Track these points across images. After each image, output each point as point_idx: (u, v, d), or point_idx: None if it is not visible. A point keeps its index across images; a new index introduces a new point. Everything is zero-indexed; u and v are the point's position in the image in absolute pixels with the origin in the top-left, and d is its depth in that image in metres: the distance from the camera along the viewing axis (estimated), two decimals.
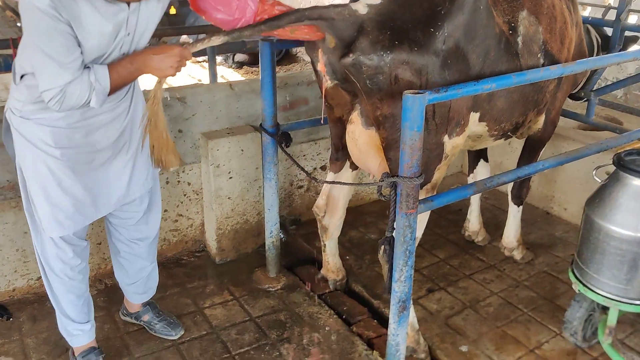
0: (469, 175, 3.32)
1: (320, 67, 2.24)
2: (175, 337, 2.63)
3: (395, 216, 2.02)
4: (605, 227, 2.25)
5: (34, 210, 2.17)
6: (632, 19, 3.35)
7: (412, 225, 1.99)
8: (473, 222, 3.41)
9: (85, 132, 2.09)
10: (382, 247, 2.12)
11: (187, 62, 2.08)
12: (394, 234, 2.07)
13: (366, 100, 2.20)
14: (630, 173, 2.19)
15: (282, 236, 3.44)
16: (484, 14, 2.21)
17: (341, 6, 2.13)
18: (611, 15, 3.24)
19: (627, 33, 3.27)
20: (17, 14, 10.15)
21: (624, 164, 2.23)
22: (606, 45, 3.27)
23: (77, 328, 2.39)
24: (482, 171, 3.25)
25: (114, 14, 1.89)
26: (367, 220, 3.70)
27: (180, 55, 2.00)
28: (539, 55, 2.43)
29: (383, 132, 2.21)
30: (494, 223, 3.61)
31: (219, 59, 7.67)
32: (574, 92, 3.37)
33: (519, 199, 3.13)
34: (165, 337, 2.63)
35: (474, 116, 2.37)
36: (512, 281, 3.13)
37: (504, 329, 2.77)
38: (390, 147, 2.21)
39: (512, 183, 3.12)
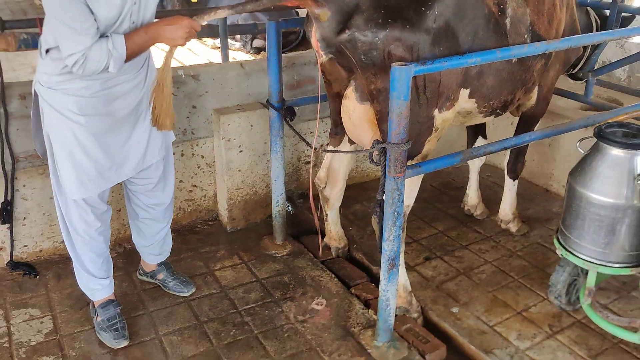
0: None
1: (314, 42, 2.41)
2: (187, 294, 2.85)
3: (385, 180, 2.21)
4: (586, 194, 2.40)
5: (59, 175, 2.38)
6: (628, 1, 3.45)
7: (399, 188, 2.17)
8: (472, 196, 3.58)
9: (106, 101, 2.30)
10: (375, 209, 2.31)
11: (206, 48, 2.27)
12: (384, 197, 2.26)
13: (361, 75, 2.37)
14: (609, 143, 2.33)
15: (289, 209, 3.65)
16: None
17: None
18: None
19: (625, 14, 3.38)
20: None
21: (603, 135, 2.37)
22: (605, 26, 3.38)
23: (98, 283, 2.61)
24: None
25: None
26: (371, 195, 3.88)
27: (190, 26, 2.18)
28: (525, 36, 2.56)
29: (377, 105, 2.38)
30: (493, 199, 3.75)
31: (237, 44, 7.87)
32: (573, 72, 3.51)
33: (514, 173, 3.28)
34: (178, 294, 2.86)
35: (464, 92, 2.52)
36: (506, 251, 3.29)
37: (494, 293, 2.94)
38: (383, 119, 2.37)
39: (508, 158, 3.27)
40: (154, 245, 2.83)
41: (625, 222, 2.35)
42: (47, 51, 2.21)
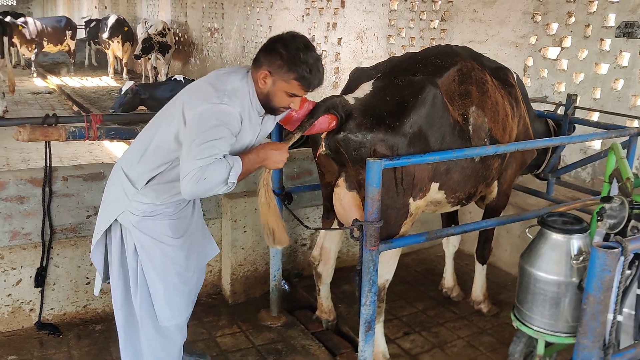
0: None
1: (322, 136, 2.93)
2: None
3: (362, 253, 2.67)
4: (533, 272, 2.84)
5: (153, 302, 2.54)
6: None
7: (374, 260, 2.63)
8: (448, 279, 4.01)
9: (186, 223, 2.61)
10: (354, 278, 2.76)
11: None
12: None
13: (351, 167, 2.90)
14: (549, 229, 2.81)
15: (286, 287, 4.08)
16: (440, 107, 2.91)
17: (340, 96, 2.87)
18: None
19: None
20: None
21: (545, 222, 2.86)
22: (560, 133, 3.96)
23: None
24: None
25: (257, 123, 2.49)
26: None
27: (287, 152, 2.55)
28: (485, 140, 3.12)
29: (363, 192, 2.89)
30: (470, 285, 4.17)
31: None
32: (537, 172, 4.06)
33: (482, 258, 3.74)
34: None
35: (435, 185, 3.04)
36: (477, 329, 3.67)
37: None
38: None
39: (477, 245, 3.74)
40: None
41: (567, 296, 2.77)
42: (147, 182, 2.45)
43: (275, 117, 2.64)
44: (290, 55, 2.33)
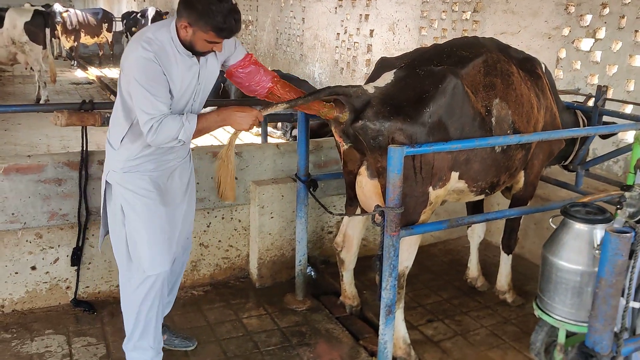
0: (467, 227, 3.97)
1: (337, 137, 3.03)
2: (193, 347, 3.19)
3: (383, 238, 2.73)
4: (555, 261, 2.84)
5: (137, 253, 2.72)
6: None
7: (395, 245, 2.68)
8: (472, 269, 4.03)
9: (166, 176, 2.77)
10: (375, 262, 2.81)
11: (250, 134, 2.82)
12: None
13: (370, 155, 2.96)
14: (572, 219, 2.80)
15: (312, 273, 4.16)
16: (460, 98, 2.92)
17: (357, 86, 2.93)
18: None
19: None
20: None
21: (568, 212, 2.86)
22: (590, 125, 3.93)
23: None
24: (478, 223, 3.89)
25: (190, 66, 2.63)
26: None
27: (256, 116, 2.68)
28: (508, 132, 3.11)
29: (382, 180, 2.94)
30: (496, 276, 4.18)
31: (277, 132, 8.69)
32: (565, 164, 4.03)
33: (508, 248, 3.74)
34: (185, 348, 3.17)
35: (454, 175, 3.05)
36: (501, 319, 3.69)
37: (486, 352, 3.33)
38: None
39: (502, 235, 3.74)
40: (172, 295, 3.18)
41: (589, 286, 2.77)
42: (121, 140, 2.67)
43: (217, 59, 2.80)
44: (205, 9, 2.50)
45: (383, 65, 3.17)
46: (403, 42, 7.69)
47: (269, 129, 5.76)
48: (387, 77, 3.00)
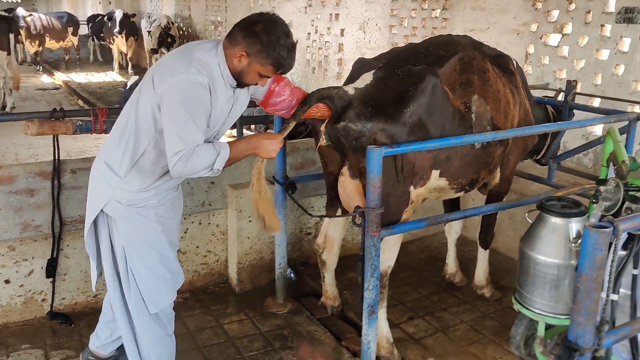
0: (444, 224, 4.00)
1: (321, 132, 2.99)
2: None
3: (364, 238, 2.73)
4: (532, 255, 2.88)
5: (139, 290, 2.55)
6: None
7: (376, 245, 2.69)
8: (450, 265, 4.07)
9: (165, 208, 2.58)
10: (357, 263, 2.82)
11: (224, 137, 2.62)
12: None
13: (352, 156, 2.95)
14: (548, 213, 2.86)
15: (292, 275, 4.15)
16: (439, 97, 2.94)
17: (338, 87, 2.93)
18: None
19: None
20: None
21: (544, 207, 2.90)
22: (559, 120, 4.00)
23: None
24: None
25: (229, 97, 2.50)
26: None
27: (281, 141, 2.61)
28: (487, 128, 3.15)
29: (363, 180, 2.95)
30: (474, 270, 4.23)
31: None
32: (537, 158, 4.09)
33: (485, 243, 3.79)
34: None
35: (435, 173, 3.08)
36: (480, 313, 3.73)
37: (466, 347, 3.37)
38: None
39: (479, 230, 3.79)
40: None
41: (566, 279, 2.82)
42: (130, 167, 2.44)
43: (249, 92, 2.67)
44: (271, 42, 2.38)
45: (361, 66, 3.17)
46: (374, 41, 7.72)
47: (245, 131, 5.71)
48: (367, 78, 3.00)
